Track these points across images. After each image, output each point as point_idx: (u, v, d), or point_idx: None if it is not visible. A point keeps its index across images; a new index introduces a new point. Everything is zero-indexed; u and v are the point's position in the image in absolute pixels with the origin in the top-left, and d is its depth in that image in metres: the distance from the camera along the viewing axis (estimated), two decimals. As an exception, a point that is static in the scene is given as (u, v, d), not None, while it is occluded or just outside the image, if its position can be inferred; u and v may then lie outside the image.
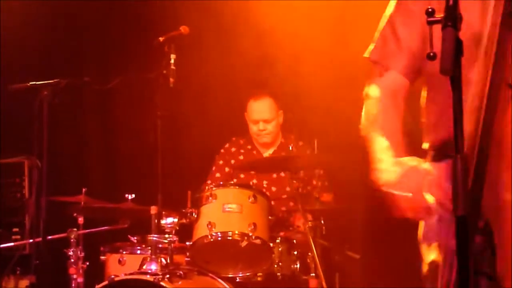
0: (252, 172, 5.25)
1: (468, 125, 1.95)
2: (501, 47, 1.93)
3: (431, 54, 1.85)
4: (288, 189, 5.03)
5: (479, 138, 1.90)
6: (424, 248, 2.43)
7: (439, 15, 1.84)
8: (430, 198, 2.21)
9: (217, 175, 5.30)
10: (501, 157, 2.00)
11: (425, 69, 2.46)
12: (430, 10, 1.87)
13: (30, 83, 4.69)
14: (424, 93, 2.53)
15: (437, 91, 2.39)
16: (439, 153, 2.40)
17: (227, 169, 5.30)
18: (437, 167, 2.27)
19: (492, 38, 1.98)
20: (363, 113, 2.55)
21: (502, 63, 1.94)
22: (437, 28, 2.23)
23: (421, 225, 2.45)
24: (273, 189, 5.14)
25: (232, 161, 5.32)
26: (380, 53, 2.56)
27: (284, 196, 5.08)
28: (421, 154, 2.43)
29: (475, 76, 2.03)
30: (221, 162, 5.34)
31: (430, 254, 2.39)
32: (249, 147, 5.37)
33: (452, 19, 1.79)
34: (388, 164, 2.35)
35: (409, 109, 2.52)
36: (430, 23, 1.86)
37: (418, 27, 2.43)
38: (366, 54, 2.60)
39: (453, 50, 1.77)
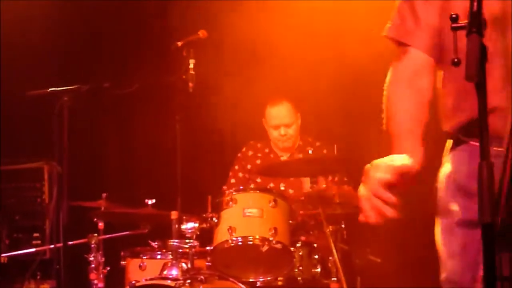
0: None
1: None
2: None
3: (455, 60, 1.84)
4: (305, 191, 5.01)
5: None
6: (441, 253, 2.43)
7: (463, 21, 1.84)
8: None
9: (232, 180, 5.31)
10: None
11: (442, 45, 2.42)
12: (454, 16, 1.86)
13: (50, 89, 4.72)
14: (440, 73, 2.47)
15: (454, 72, 2.35)
16: (460, 137, 2.38)
17: (241, 175, 5.31)
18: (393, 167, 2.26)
19: None
20: (383, 101, 2.51)
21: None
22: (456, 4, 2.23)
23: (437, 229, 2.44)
24: (291, 191, 5.15)
25: (248, 166, 5.32)
26: (399, 31, 2.50)
27: (303, 198, 5.06)
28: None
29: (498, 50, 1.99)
30: (236, 167, 5.35)
31: (447, 260, 2.39)
32: (266, 150, 5.37)
33: (477, 25, 1.78)
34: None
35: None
36: (455, 29, 1.85)
37: (437, 2, 2.40)
38: (384, 33, 2.53)
39: (478, 56, 1.76)
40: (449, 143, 2.45)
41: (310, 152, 5.00)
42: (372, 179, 2.23)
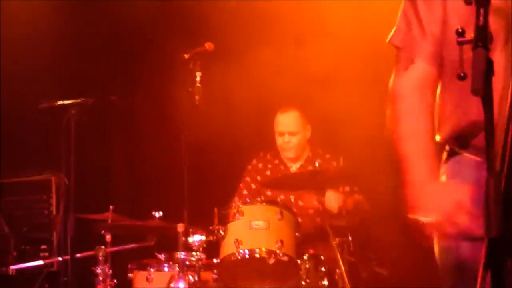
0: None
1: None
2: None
3: (462, 74, 1.83)
4: (315, 203, 5.00)
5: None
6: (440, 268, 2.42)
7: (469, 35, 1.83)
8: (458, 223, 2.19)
9: (244, 192, 5.29)
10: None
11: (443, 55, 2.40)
12: (460, 30, 1.85)
13: (58, 102, 4.73)
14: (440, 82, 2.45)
15: (451, 79, 2.32)
16: (455, 147, 2.37)
17: (253, 186, 5.29)
18: (465, 187, 2.22)
19: None
20: (388, 112, 2.47)
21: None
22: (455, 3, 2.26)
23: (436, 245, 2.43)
24: (300, 203, 5.13)
25: (258, 178, 5.31)
26: (404, 39, 2.47)
27: (311, 211, 5.05)
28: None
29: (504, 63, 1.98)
30: (248, 179, 5.33)
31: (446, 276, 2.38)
32: (276, 161, 5.36)
33: (483, 39, 1.77)
34: (417, 183, 2.31)
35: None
36: (461, 43, 1.84)
37: (438, 6, 2.38)
38: (388, 40, 2.51)
39: (484, 70, 1.75)
40: (445, 155, 2.44)
41: (316, 164, 5.00)
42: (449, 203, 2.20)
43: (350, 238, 4.58)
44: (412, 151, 2.38)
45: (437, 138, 2.43)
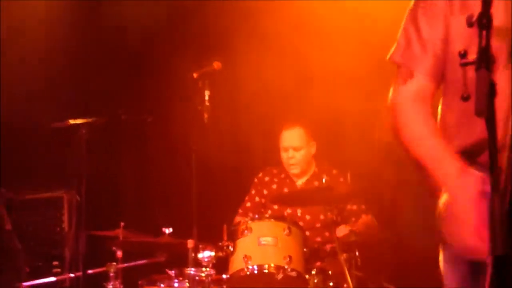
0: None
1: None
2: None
3: (465, 95, 1.83)
4: (322, 217, 4.99)
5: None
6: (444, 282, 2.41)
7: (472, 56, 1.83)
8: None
9: (248, 204, 5.28)
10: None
11: (444, 73, 2.39)
12: (462, 52, 1.86)
13: (70, 121, 4.75)
14: (441, 100, 2.45)
15: (453, 97, 2.31)
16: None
17: (257, 199, 5.28)
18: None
19: None
20: (390, 124, 2.45)
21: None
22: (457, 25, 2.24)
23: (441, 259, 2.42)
24: (307, 217, 5.11)
25: (265, 191, 5.30)
26: (404, 55, 2.46)
27: (318, 225, 5.04)
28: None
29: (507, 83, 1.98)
30: (253, 191, 5.32)
31: None
32: (282, 175, 5.35)
33: (486, 60, 1.77)
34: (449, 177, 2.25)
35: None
36: (464, 65, 1.85)
37: (440, 26, 2.37)
38: (388, 57, 2.51)
39: (487, 91, 1.75)
40: None
41: (323, 181, 4.99)
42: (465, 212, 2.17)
43: (357, 253, 4.56)
44: (430, 150, 2.35)
45: None
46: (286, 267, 4.15)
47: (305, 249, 4.34)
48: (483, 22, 1.81)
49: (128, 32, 6.10)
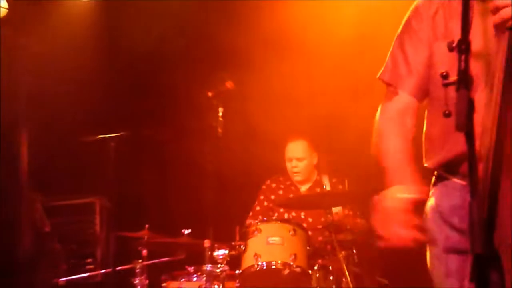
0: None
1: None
2: (506, 96, 1.88)
3: (447, 112, 1.82)
4: (323, 219, 4.97)
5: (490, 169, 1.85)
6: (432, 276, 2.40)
7: (452, 77, 1.82)
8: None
9: (257, 208, 5.27)
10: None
11: (427, 92, 2.41)
12: (444, 74, 1.85)
13: (100, 136, 4.76)
14: (426, 114, 2.45)
15: (436, 114, 2.31)
16: (441, 175, 2.36)
17: (266, 203, 5.26)
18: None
19: (500, 66, 1.91)
20: (374, 136, 2.49)
21: (507, 113, 1.89)
22: (439, 50, 2.26)
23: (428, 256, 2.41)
24: (310, 220, 5.10)
25: (272, 196, 5.28)
26: (391, 75, 2.47)
27: (320, 226, 5.02)
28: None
29: (484, 101, 1.97)
30: (262, 197, 5.31)
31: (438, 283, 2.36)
32: (288, 183, 5.34)
33: (465, 81, 1.77)
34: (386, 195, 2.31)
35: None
36: (446, 85, 1.84)
37: (424, 49, 2.38)
38: (378, 75, 2.52)
39: (466, 109, 1.74)
40: (433, 179, 2.42)
41: (325, 187, 5.01)
42: (389, 209, 2.23)
43: (354, 251, 4.55)
44: (394, 163, 2.39)
45: (426, 164, 2.42)
46: (291, 263, 4.14)
47: (308, 248, 4.33)
48: (462, 47, 1.81)
49: (151, 57, 6.11)
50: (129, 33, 6.08)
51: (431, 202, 2.40)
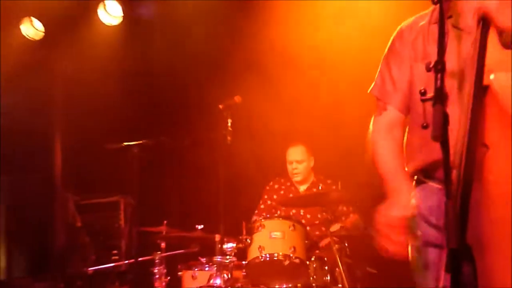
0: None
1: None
2: (476, 110, 1.89)
3: (424, 124, 1.83)
4: (319, 216, 4.98)
5: (461, 188, 1.85)
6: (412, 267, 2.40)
7: (430, 94, 1.83)
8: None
9: (262, 206, 5.26)
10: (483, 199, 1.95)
11: (410, 106, 2.42)
12: (423, 91, 1.85)
13: (125, 143, 4.78)
14: (407, 127, 2.46)
15: (416, 126, 2.33)
16: (421, 177, 2.35)
17: (269, 202, 5.26)
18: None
19: (469, 97, 1.92)
20: (369, 146, 2.50)
21: (477, 124, 1.90)
22: (418, 70, 2.28)
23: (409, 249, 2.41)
24: (308, 216, 5.09)
25: (275, 196, 5.27)
26: (380, 91, 2.48)
27: (317, 222, 5.02)
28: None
29: (458, 115, 1.98)
30: (266, 196, 5.31)
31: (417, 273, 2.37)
32: (288, 184, 5.34)
33: (440, 97, 1.78)
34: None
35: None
36: (423, 101, 1.85)
37: (407, 68, 2.38)
38: (369, 91, 2.53)
39: (441, 122, 1.75)
40: (413, 182, 2.42)
41: (320, 187, 5.01)
42: (386, 219, 2.27)
43: (346, 244, 4.54)
44: (389, 170, 2.41)
45: (406, 169, 2.43)
46: (291, 255, 4.14)
47: (306, 241, 4.32)
48: (438, 67, 1.82)
49: (170, 75, 6.13)
50: (151, 54, 6.12)
51: (411, 202, 2.41)
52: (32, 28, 6.21)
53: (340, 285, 4.29)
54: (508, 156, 1.82)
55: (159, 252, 4.68)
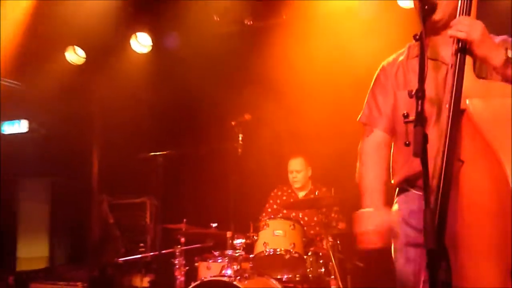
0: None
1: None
2: (453, 130, 1.88)
3: (407, 142, 1.82)
4: (315, 218, 4.95)
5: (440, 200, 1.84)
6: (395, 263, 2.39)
7: (412, 116, 1.82)
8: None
9: (269, 210, 5.24)
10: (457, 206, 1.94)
11: (394, 128, 2.42)
12: (405, 114, 1.85)
13: (151, 153, 4.78)
14: (393, 145, 2.46)
15: (400, 144, 2.32)
16: (403, 187, 2.36)
17: (275, 206, 5.24)
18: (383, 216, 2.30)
19: (447, 119, 1.91)
20: (358, 164, 2.49)
21: (454, 142, 1.89)
22: (401, 96, 2.29)
23: (392, 248, 2.40)
24: (306, 218, 5.06)
25: (278, 200, 5.24)
26: (367, 118, 2.48)
27: (313, 223, 4.99)
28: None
29: (435, 134, 1.97)
30: (271, 201, 5.28)
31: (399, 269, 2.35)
32: (289, 190, 5.31)
33: (420, 120, 1.77)
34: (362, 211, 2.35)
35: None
36: (406, 123, 1.85)
37: (391, 98, 2.39)
38: (358, 119, 2.54)
39: (421, 141, 1.74)
40: (397, 191, 2.42)
41: (316, 193, 4.99)
42: (362, 229, 2.28)
43: (338, 242, 4.52)
44: (368, 187, 2.40)
45: (392, 181, 2.42)
46: (291, 250, 4.13)
47: (304, 239, 4.29)
48: (419, 95, 1.81)
49: (190, 95, 6.13)
50: (174, 77, 6.12)
51: (395, 207, 2.40)
52: (75, 55, 6.25)
53: (332, 276, 4.26)
54: (480, 169, 1.82)
55: (179, 246, 4.66)
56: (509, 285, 1.74)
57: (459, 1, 2.04)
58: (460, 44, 1.96)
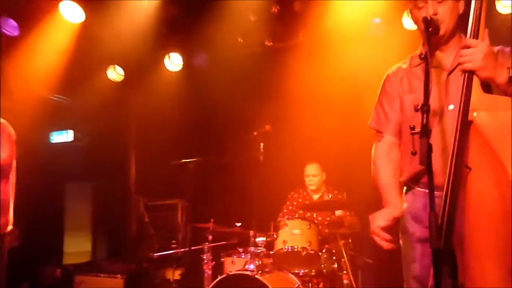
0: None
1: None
2: (461, 140, 1.87)
3: (413, 151, 1.82)
4: (328, 218, 4.92)
5: (447, 204, 1.83)
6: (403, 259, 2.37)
7: (418, 128, 1.82)
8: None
9: (285, 210, 5.22)
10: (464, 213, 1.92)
11: (400, 131, 2.41)
12: (412, 126, 1.85)
13: (183, 160, 4.81)
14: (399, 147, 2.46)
15: (407, 152, 2.32)
16: (410, 185, 2.35)
17: (290, 207, 5.22)
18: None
19: (456, 129, 1.89)
20: (372, 167, 2.49)
21: (462, 149, 1.88)
22: (407, 99, 2.28)
23: (401, 243, 2.38)
24: (320, 218, 5.04)
25: (295, 202, 5.23)
26: (376, 124, 2.49)
27: (326, 223, 4.96)
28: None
29: (439, 144, 1.95)
30: (288, 203, 5.27)
31: (409, 265, 2.31)
32: (305, 193, 5.29)
33: (426, 132, 1.77)
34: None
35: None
36: (413, 134, 1.84)
37: (396, 104, 2.39)
38: (368, 125, 2.55)
39: (426, 151, 1.74)
40: (405, 189, 2.41)
41: (329, 196, 4.97)
42: (374, 226, 2.27)
43: (350, 240, 4.49)
44: (384, 186, 2.40)
45: (401, 179, 2.42)
46: (308, 248, 4.12)
47: (319, 237, 4.29)
48: (424, 109, 1.81)
49: (217, 107, 6.16)
50: (203, 92, 6.16)
51: (404, 205, 2.39)
52: (115, 73, 6.34)
53: (345, 271, 4.24)
54: (486, 176, 1.81)
55: (207, 243, 4.66)
56: (510, 285, 1.72)
57: (468, 27, 1.99)
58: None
